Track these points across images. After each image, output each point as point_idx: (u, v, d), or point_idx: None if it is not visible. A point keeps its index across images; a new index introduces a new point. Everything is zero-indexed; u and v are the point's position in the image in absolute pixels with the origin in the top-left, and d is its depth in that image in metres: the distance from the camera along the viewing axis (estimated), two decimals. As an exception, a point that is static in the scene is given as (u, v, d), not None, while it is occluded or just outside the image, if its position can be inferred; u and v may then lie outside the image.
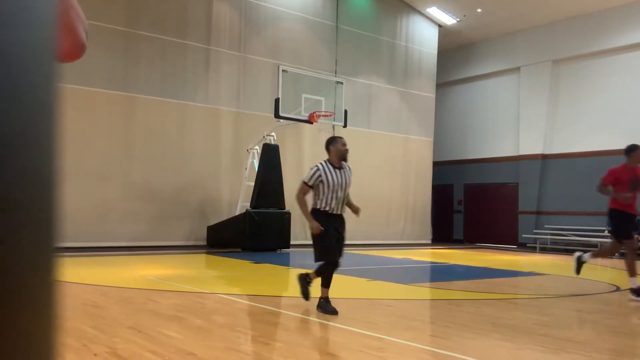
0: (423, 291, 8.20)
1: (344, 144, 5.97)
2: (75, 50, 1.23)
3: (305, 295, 5.83)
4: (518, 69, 19.24)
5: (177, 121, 13.99)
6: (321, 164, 5.89)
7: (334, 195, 5.84)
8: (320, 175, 5.77)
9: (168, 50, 13.85)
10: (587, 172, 16.98)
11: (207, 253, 12.66)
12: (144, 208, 13.33)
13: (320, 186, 5.77)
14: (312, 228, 5.65)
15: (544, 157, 18.32)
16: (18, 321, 0.42)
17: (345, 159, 5.98)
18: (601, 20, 16.99)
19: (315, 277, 5.85)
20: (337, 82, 15.11)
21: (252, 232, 12.83)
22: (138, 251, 12.23)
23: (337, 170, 5.89)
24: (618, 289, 8.65)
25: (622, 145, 15.77)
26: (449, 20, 19.10)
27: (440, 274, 11.02)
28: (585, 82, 17.57)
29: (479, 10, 18.19)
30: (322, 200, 5.77)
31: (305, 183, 5.83)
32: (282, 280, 9.17)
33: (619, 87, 16.71)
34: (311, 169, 5.90)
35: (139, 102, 13.46)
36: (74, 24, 1.20)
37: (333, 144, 5.95)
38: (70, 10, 1.18)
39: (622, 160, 7.74)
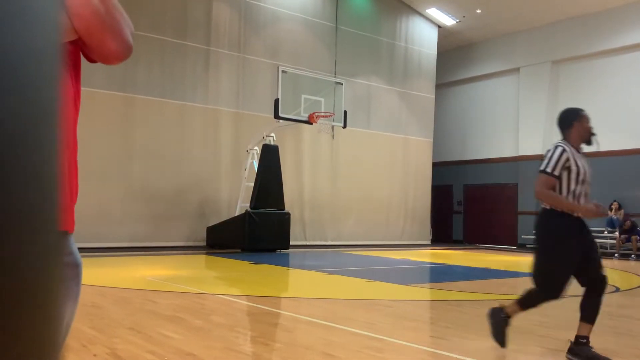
0: (422, 292, 8.19)
1: (589, 120, 4.23)
2: (122, 52, 1.24)
3: (501, 340, 4.05)
4: (518, 69, 19.25)
5: (176, 121, 13.99)
6: (563, 144, 4.04)
7: (583, 190, 4.00)
8: (568, 159, 3.95)
9: (167, 50, 13.86)
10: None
11: (207, 254, 12.66)
12: (144, 208, 13.33)
13: (564, 176, 3.93)
14: (588, 211, 3.85)
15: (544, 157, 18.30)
16: (20, 324, 0.42)
17: (589, 142, 4.20)
18: (601, 21, 17.01)
19: (517, 311, 4.15)
20: (337, 83, 15.11)
21: (252, 233, 12.83)
22: (137, 252, 12.23)
23: (580, 155, 4.10)
24: (617, 289, 8.64)
25: (622, 146, 15.91)
26: (448, 21, 19.10)
27: (439, 274, 11.02)
28: (585, 83, 17.58)
29: (478, 11, 18.19)
30: (566, 197, 3.92)
31: (548, 173, 3.92)
32: (282, 281, 9.17)
33: (619, 87, 16.72)
34: (551, 151, 4.02)
35: (139, 103, 13.46)
36: (120, 26, 1.20)
37: (578, 119, 4.15)
38: (115, 12, 1.18)
39: (622, 160, 7.72)
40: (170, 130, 13.89)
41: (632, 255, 14.83)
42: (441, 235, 20.55)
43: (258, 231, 12.87)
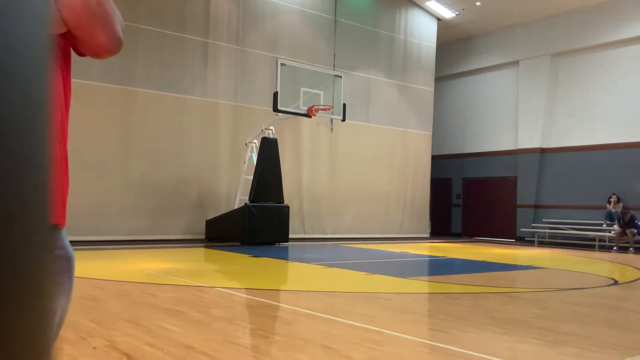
0: (421, 285, 8.21)
1: None
2: (112, 46, 1.23)
3: None
4: (517, 62, 19.22)
5: (175, 115, 13.97)
6: None
7: None
8: None
9: (166, 43, 13.81)
10: (585, 166, 17.03)
11: (206, 247, 12.67)
12: (143, 202, 13.33)
13: None
14: None
15: (542, 150, 18.33)
16: (10, 319, 0.42)
17: None
18: (601, 14, 16.97)
19: None
20: (336, 76, 15.08)
21: (251, 226, 12.84)
22: (136, 245, 12.24)
23: None
24: (616, 282, 8.67)
25: (621, 139, 15.91)
26: (447, 13, 19.05)
27: (438, 267, 11.04)
28: (584, 76, 17.56)
29: (478, 3, 18.14)
30: None
31: None
32: (281, 274, 9.18)
33: (618, 81, 16.70)
34: None
35: (137, 96, 13.43)
36: (110, 19, 1.20)
37: None
38: (106, 5, 1.18)
39: (621, 154, 7.65)
40: (168, 124, 13.86)
41: (631, 249, 14.86)
42: (440, 228, 20.58)
43: (257, 224, 12.88)
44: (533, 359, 3.72)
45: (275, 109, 13.35)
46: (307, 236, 15.91)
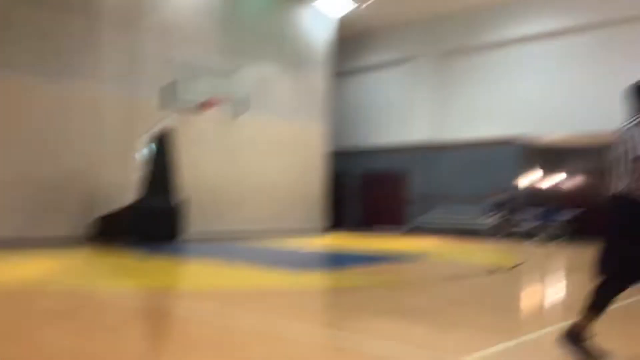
0: (315, 279, 8.33)
1: None
2: None
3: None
4: (409, 59, 20.07)
5: (59, 105, 13.09)
6: None
7: None
8: None
9: (48, 27, 12.89)
10: (471, 159, 18.15)
11: (94, 246, 12.06)
12: (24, 199, 12.40)
13: None
14: None
15: (433, 146, 19.25)
16: None
17: None
18: (489, 15, 18.21)
19: (590, 319, 3.50)
20: (232, 69, 14.89)
21: (143, 223, 12.37)
22: (14, 246, 11.40)
23: None
24: (496, 269, 9.26)
25: (502, 134, 17.02)
26: (344, 7, 19.29)
27: (333, 261, 11.25)
28: (471, 74, 18.69)
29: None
30: None
31: None
32: (173, 273, 8.95)
33: (504, 79, 17.95)
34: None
35: (13, 84, 12.44)
36: None
37: None
38: None
39: (501, 148, 8.21)
40: (51, 115, 12.95)
41: (512, 236, 16.04)
42: (336, 222, 20.95)
43: (150, 221, 12.44)
44: (422, 343, 3.89)
45: (169, 102, 12.95)
46: (203, 230, 15.59)
